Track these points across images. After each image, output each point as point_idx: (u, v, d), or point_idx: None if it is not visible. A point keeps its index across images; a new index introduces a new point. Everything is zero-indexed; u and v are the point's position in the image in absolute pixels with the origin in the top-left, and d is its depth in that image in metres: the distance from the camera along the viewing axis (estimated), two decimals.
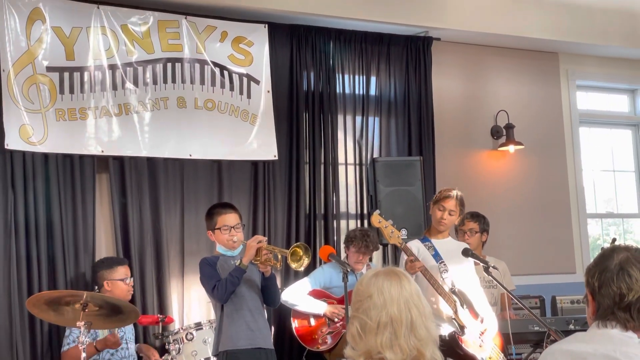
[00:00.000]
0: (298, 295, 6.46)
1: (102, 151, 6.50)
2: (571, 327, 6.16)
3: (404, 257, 5.59)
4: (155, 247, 6.71)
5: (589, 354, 2.60)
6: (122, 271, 6.11)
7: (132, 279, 6.20)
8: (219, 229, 5.40)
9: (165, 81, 6.76)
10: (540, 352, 4.20)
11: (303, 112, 7.37)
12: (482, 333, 5.59)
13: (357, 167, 7.62)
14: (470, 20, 7.96)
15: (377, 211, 5.60)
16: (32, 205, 6.25)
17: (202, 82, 6.90)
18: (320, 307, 6.46)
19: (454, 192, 5.75)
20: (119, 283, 6.06)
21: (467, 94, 8.37)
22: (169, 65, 6.79)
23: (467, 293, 5.64)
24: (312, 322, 6.48)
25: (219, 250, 5.47)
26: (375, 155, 7.64)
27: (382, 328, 2.78)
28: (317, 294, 6.53)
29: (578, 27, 8.53)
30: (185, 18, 6.85)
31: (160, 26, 6.77)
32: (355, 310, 2.87)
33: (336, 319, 6.40)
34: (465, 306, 5.57)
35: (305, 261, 5.29)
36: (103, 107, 6.50)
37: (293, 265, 5.28)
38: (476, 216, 6.75)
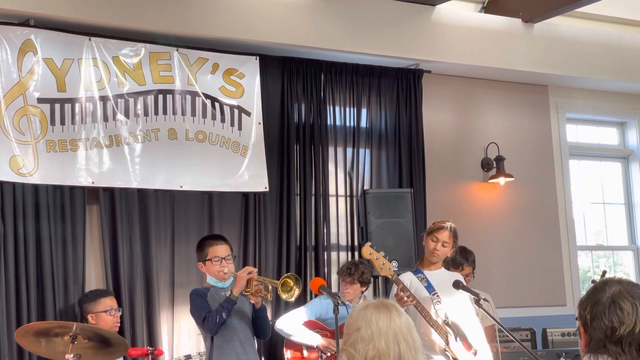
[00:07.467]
0: (293, 325, 6.45)
1: (93, 182, 6.48)
2: (562, 359, 6.15)
3: (394, 289, 5.58)
4: (145, 278, 6.69)
5: None
6: (106, 303, 6.03)
7: (119, 310, 6.15)
8: (210, 260, 5.39)
9: (156, 113, 6.76)
10: None
11: (294, 144, 7.38)
12: None
13: (348, 198, 7.62)
14: (460, 53, 8.00)
15: (369, 243, 5.60)
16: (22, 236, 6.23)
17: (193, 113, 6.90)
18: (315, 339, 6.44)
19: (448, 224, 5.73)
20: (103, 315, 5.98)
21: (457, 126, 8.40)
22: (160, 96, 6.79)
23: (461, 324, 5.62)
24: (305, 353, 6.46)
25: (210, 282, 5.46)
26: (366, 187, 7.64)
27: None
28: (311, 325, 6.51)
29: (567, 61, 8.58)
30: (177, 50, 6.87)
31: (152, 58, 6.78)
32: (344, 343, 2.85)
33: (329, 353, 6.38)
34: (458, 338, 5.55)
35: (296, 292, 5.29)
36: (94, 138, 6.49)
37: (284, 296, 5.27)
38: (473, 261, 6.78)
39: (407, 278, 5.67)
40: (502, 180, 8.37)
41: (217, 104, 7.00)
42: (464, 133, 8.42)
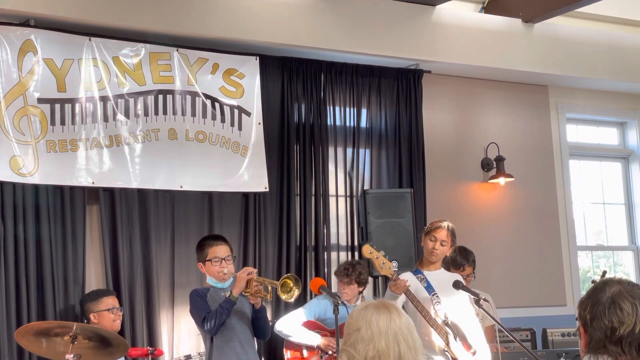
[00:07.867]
0: (292, 326, 6.45)
1: (93, 183, 6.48)
2: (562, 359, 6.15)
3: None
4: (145, 278, 6.69)
5: None
6: (107, 302, 6.06)
7: (121, 308, 6.16)
8: (210, 260, 5.39)
9: (156, 113, 6.76)
10: None
11: (294, 144, 7.38)
12: None
13: (348, 199, 7.62)
14: (460, 53, 8.00)
15: (369, 242, 5.60)
16: (22, 237, 6.22)
17: (194, 113, 6.90)
18: (314, 339, 6.44)
19: (445, 223, 5.76)
20: (105, 313, 6.00)
21: (457, 126, 8.40)
22: (160, 97, 6.79)
23: (461, 325, 5.62)
24: (305, 353, 6.46)
25: (210, 282, 5.46)
26: (366, 187, 7.64)
27: None
28: (311, 326, 6.52)
29: (567, 61, 8.58)
30: (177, 50, 6.87)
31: (152, 58, 6.78)
32: (344, 344, 2.85)
33: (330, 352, 6.39)
34: (458, 339, 5.55)
35: (296, 292, 5.29)
36: (94, 138, 6.49)
37: (283, 297, 5.28)
38: (473, 261, 6.76)
39: (407, 278, 5.67)
40: (502, 181, 8.37)
41: (217, 104, 7.00)
42: (464, 133, 8.42)
